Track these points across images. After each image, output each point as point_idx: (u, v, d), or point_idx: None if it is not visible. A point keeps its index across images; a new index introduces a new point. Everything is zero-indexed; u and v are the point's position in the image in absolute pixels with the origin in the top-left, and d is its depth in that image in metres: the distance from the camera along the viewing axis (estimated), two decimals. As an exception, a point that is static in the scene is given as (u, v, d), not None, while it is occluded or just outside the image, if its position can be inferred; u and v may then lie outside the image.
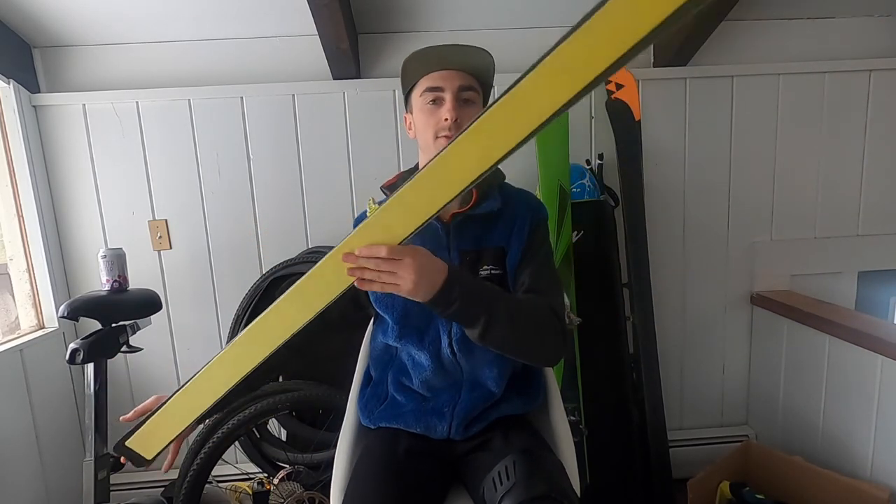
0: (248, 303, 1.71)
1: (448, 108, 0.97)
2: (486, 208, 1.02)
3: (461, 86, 0.98)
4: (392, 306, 1.03)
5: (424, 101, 1.00)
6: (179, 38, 1.76)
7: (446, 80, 0.98)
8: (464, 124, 0.93)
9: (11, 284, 1.75)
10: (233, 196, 1.82)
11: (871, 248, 1.97)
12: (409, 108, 1.06)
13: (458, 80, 0.98)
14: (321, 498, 1.51)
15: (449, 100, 0.97)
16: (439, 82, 0.98)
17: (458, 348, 1.01)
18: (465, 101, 0.99)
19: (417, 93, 1.01)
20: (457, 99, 0.98)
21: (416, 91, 1.02)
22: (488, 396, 1.04)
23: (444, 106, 0.98)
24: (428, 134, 0.99)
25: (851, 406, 1.57)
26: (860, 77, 1.89)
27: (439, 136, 0.98)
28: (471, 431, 1.01)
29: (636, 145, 1.75)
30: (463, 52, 0.98)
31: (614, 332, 1.73)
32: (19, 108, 1.65)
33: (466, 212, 1.02)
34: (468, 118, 0.97)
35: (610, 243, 1.75)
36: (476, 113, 0.95)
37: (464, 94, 0.98)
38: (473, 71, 1.00)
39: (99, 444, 1.39)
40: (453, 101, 0.97)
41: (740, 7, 1.63)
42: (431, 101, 0.99)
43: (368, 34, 1.80)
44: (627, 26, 0.66)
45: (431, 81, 0.99)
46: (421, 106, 1.00)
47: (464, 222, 1.02)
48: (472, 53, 0.99)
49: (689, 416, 2.04)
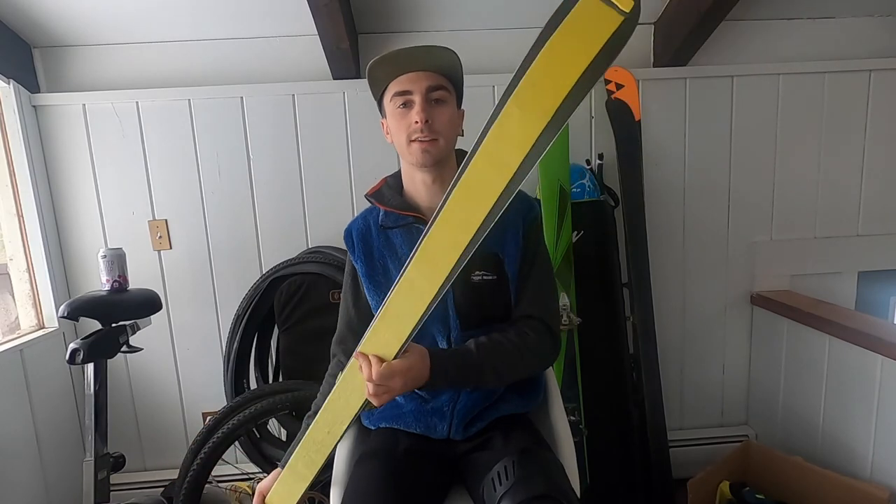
0: (248, 303, 1.71)
1: (417, 111, 0.95)
2: None
3: (430, 86, 0.96)
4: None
5: (395, 106, 0.98)
6: (179, 38, 1.76)
7: (414, 82, 0.96)
8: (436, 125, 0.96)
9: (11, 284, 1.75)
10: (233, 196, 1.82)
11: (871, 248, 1.97)
12: (383, 112, 1.04)
13: (427, 81, 0.96)
14: (321, 498, 1.51)
15: (418, 102, 0.96)
16: (407, 85, 0.96)
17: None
18: (437, 101, 0.97)
19: (388, 98, 1.00)
20: (426, 100, 0.96)
21: (386, 96, 1.00)
22: (488, 396, 1.03)
23: (414, 108, 0.96)
24: (401, 138, 0.98)
25: (851, 406, 1.57)
26: (860, 77, 1.89)
27: (412, 140, 0.97)
28: (470, 431, 1.01)
29: (636, 145, 1.75)
30: (427, 51, 0.96)
31: (614, 332, 1.72)
32: (19, 108, 1.65)
33: None
34: (440, 118, 0.97)
35: (610, 243, 1.75)
36: (448, 112, 0.99)
37: (434, 94, 0.97)
38: (441, 70, 0.98)
39: (99, 444, 1.39)
40: (423, 103, 0.96)
41: (740, 7, 1.63)
42: (402, 105, 0.97)
43: (368, 34, 1.79)
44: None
45: (399, 85, 0.97)
46: (392, 111, 0.99)
47: None
48: (438, 53, 0.97)
49: (689, 416, 2.04)
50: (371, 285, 1.04)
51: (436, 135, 0.96)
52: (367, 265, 1.04)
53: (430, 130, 0.95)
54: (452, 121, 1.00)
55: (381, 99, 1.03)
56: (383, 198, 1.06)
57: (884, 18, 1.88)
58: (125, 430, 1.88)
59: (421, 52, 0.96)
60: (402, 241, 1.03)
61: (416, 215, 1.02)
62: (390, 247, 1.04)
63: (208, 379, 1.86)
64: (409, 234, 1.02)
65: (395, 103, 0.98)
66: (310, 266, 1.65)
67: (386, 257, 1.04)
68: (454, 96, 1.01)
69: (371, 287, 1.04)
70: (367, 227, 1.07)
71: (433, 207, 0.99)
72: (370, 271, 1.04)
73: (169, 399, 1.90)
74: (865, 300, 2.00)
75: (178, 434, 1.91)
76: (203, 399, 1.89)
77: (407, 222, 1.02)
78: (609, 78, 1.75)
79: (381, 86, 1.00)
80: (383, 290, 0.99)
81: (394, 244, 1.04)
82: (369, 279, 1.04)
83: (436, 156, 0.98)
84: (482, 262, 1.00)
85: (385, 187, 1.09)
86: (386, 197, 1.06)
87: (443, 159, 1.00)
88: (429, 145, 0.96)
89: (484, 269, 1.00)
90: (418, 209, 1.03)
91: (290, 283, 1.66)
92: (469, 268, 0.98)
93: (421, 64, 0.96)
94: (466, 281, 0.99)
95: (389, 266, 1.03)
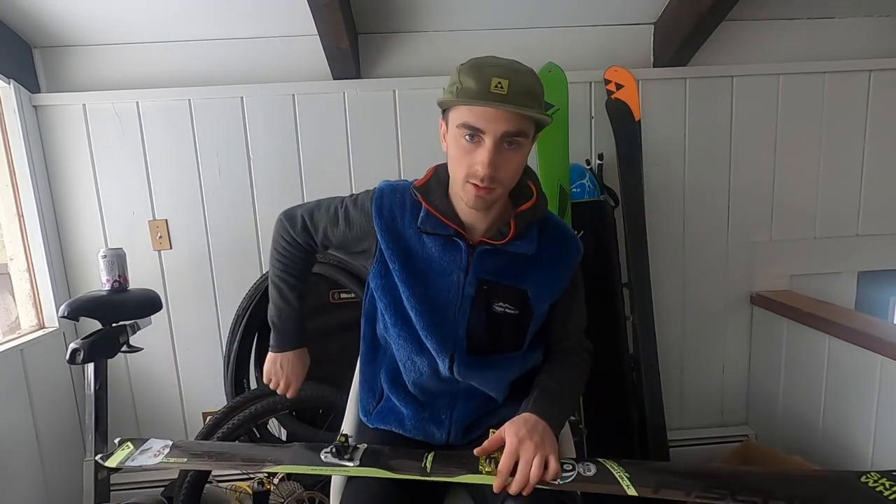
0: (248, 303, 1.71)
1: (484, 161, 0.82)
2: (518, 248, 0.94)
3: (507, 132, 0.82)
4: (392, 302, 0.99)
5: (461, 134, 0.84)
6: (179, 38, 1.76)
7: (491, 122, 0.81)
8: (500, 175, 0.84)
9: (11, 284, 1.75)
10: (233, 196, 1.82)
11: (870, 248, 1.97)
12: (446, 119, 0.90)
13: (506, 126, 0.81)
14: (321, 498, 1.52)
15: (489, 147, 0.82)
16: (482, 123, 0.81)
17: (459, 372, 0.97)
18: (509, 145, 0.84)
19: (454, 119, 0.85)
20: (497, 146, 0.82)
21: (452, 114, 0.86)
22: (486, 404, 1.03)
23: (481, 151, 0.83)
24: (458, 171, 0.87)
25: (851, 406, 1.57)
26: (860, 77, 1.89)
27: (469, 182, 0.86)
28: (470, 436, 1.01)
29: (636, 145, 1.75)
30: (519, 85, 0.80)
31: (614, 332, 1.73)
32: (19, 108, 1.65)
33: (498, 245, 0.93)
34: (507, 167, 0.85)
35: (610, 243, 1.75)
36: (519, 159, 0.86)
37: (509, 139, 0.83)
38: (526, 109, 0.82)
39: (99, 444, 1.38)
40: (492, 152, 0.82)
41: (740, 7, 1.63)
42: (468, 137, 0.84)
43: (368, 34, 1.79)
44: None
45: (472, 118, 0.82)
46: (456, 137, 0.86)
47: (491, 251, 0.94)
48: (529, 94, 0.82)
49: (689, 416, 2.04)
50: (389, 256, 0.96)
51: (496, 184, 0.85)
52: (384, 238, 0.96)
53: (492, 181, 0.84)
54: (520, 167, 0.89)
55: (447, 108, 0.89)
56: (430, 194, 0.96)
57: (884, 18, 1.88)
58: (125, 430, 1.87)
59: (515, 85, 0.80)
60: (434, 244, 0.96)
61: (458, 228, 0.94)
62: (420, 243, 0.96)
63: (208, 379, 1.85)
64: (443, 243, 0.95)
65: (461, 132, 0.84)
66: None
67: (412, 251, 0.96)
68: (531, 136, 0.87)
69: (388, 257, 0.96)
70: (403, 208, 0.97)
71: (474, 225, 0.95)
72: (385, 245, 0.96)
73: (169, 399, 1.90)
74: (865, 300, 2.00)
75: (178, 434, 1.91)
76: (203, 399, 1.89)
77: (447, 233, 0.94)
78: (609, 78, 1.75)
79: (451, 101, 0.85)
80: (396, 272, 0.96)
81: (425, 244, 0.96)
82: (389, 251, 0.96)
83: (490, 202, 0.89)
84: (508, 294, 0.96)
85: (434, 180, 0.97)
86: (433, 194, 0.96)
87: (496, 201, 0.92)
88: (485, 192, 0.86)
89: (508, 303, 0.96)
90: (459, 221, 0.95)
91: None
92: (492, 297, 0.95)
93: (508, 99, 0.80)
94: (486, 309, 0.96)
95: (412, 260, 0.96)
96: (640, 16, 1.82)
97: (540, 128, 0.89)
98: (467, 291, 0.95)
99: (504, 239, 0.93)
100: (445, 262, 0.96)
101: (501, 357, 1.00)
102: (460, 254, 0.95)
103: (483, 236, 0.95)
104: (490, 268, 0.95)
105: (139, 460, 1.00)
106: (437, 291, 0.96)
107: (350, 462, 0.91)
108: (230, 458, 1.02)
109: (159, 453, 1.00)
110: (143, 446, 1.04)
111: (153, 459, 0.99)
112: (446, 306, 0.96)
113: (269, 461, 0.95)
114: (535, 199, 0.96)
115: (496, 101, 0.80)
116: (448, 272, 0.96)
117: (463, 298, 0.95)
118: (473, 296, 0.95)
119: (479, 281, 0.95)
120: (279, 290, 1.12)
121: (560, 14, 1.76)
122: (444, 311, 0.96)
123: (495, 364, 1.00)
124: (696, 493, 0.81)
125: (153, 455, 1.00)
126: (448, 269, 0.96)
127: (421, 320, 0.96)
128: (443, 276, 0.96)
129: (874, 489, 0.80)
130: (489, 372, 1.00)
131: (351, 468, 0.91)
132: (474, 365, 0.98)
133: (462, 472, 0.87)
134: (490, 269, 0.95)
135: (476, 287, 0.95)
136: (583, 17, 1.79)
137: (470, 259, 0.95)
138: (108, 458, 1.02)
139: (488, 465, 0.87)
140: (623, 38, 1.84)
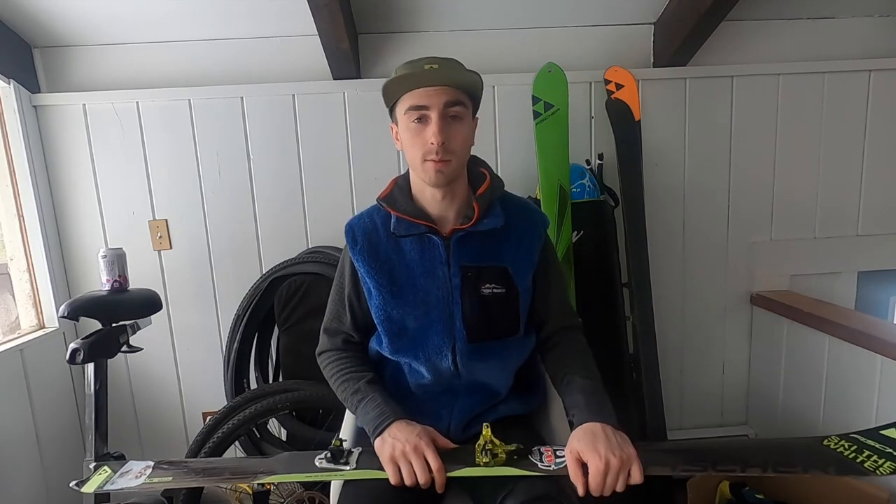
0: (249, 303, 1.71)
1: (434, 131, 0.92)
2: (488, 225, 0.99)
3: (448, 101, 0.92)
4: (388, 320, 1.01)
5: (409, 119, 0.94)
6: (179, 38, 1.76)
7: (431, 97, 0.92)
8: (451, 145, 0.93)
9: (11, 284, 1.75)
10: (233, 196, 1.82)
11: (870, 249, 1.97)
12: (395, 119, 1.00)
13: (444, 97, 0.92)
14: (321, 497, 1.52)
15: (435, 120, 0.92)
16: (424, 100, 0.92)
17: (462, 364, 1.00)
18: (453, 118, 0.94)
19: (401, 108, 0.95)
20: (443, 118, 0.92)
21: (399, 106, 0.96)
22: (486, 399, 1.04)
23: (430, 127, 0.92)
24: (415, 155, 0.95)
25: (851, 406, 1.57)
26: (860, 77, 1.89)
27: (427, 160, 0.94)
28: (470, 432, 1.02)
29: (636, 145, 1.75)
30: (448, 65, 0.93)
31: (614, 332, 1.72)
32: (19, 108, 1.65)
33: (468, 228, 0.99)
34: (456, 137, 0.94)
35: (610, 243, 1.75)
36: (464, 130, 0.96)
37: (451, 109, 0.93)
38: (461, 85, 0.94)
39: (99, 444, 1.38)
40: (440, 122, 0.92)
41: (740, 7, 1.63)
42: (417, 120, 0.93)
43: (368, 34, 1.80)
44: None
45: (416, 99, 0.93)
46: (406, 124, 0.95)
47: (465, 237, 1.00)
48: (458, 67, 0.94)
49: (689, 416, 2.04)
50: (373, 284, 1.01)
51: (450, 155, 0.94)
52: (369, 265, 1.01)
53: (446, 151, 0.93)
54: (468, 138, 0.98)
55: (393, 106, 0.99)
56: (395, 203, 1.02)
57: (884, 18, 1.88)
58: (125, 430, 1.88)
59: (442, 65, 0.92)
60: (412, 248, 1.01)
61: (429, 224, 0.99)
62: (399, 252, 1.01)
63: (208, 379, 1.86)
64: (420, 243, 1.01)
65: (409, 117, 0.94)
66: (310, 266, 1.65)
67: (393, 262, 1.01)
68: (471, 109, 0.98)
69: (373, 285, 1.01)
70: (374, 227, 1.04)
71: (442, 216, 1.01)
72: (373, 272, 1.01)
73: (169, 399, 1.90)
74: (865, 300, 2.00)
75: (178, 434, 1.91)
76: (203, 399, 1.90)
77: (420, 231, 1.00)
78: (609, 78, 1.75)
79: (394, 96, 0.97)
80: (383, 293, 1.00)
81: (403, 251, 1.01)
82: (372, 279, 1.01)
83: (449, 176, 0.96)
84: (491, 275, 1.00)
85: (396, 190, 1.05)
86: (398, 202, 1.02)
87: (455, 177, 0.99)
88: (443, 166, 0.94)
89: (493, 282, 1.00)
90: (429, 217, 1.01)
91: (290, 283, 1.66)
92: (478, 280, 0.99)
93: (439, 78, 0.92)
94: (476, 293, 0.99)
95: (396, 272, 1.01)
96: (640, 16, 1.82)
97: (476, 103, 0.99)
98: (454, 282, 0.99)
99: (472, 220, 0.99)
100: (427, 260, 1.00)
101: (501, 344, 1.02)
102: (438, 248, 1.00)
103: (453, 225, 1.01)
104: (468, 254, 1.00)
105: (119, 483, 0.97)
106: (426, 291, 1.00)
107: (346, 466, 0.91)
108: (218, 472, 0.99)
109: (141, 474, 0.98)
110: (121, 469, 1.01)
111: (135, 481, 0.97)
112: (438, 302, 0.99)
113: (261, 472, 0.94)
114: (489, 180, 1.03)
115: (433, 83, 0.92)
116: (432, 269, 1.00)
117: (452, 290, 0.99)
118: (461, 285, 0.99)
119: (463, 269, 0.99)
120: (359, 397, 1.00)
121: (560, 14, 1.76)
122: (437, 307, 0.99)
123: (496, 351, 1.02)
124: (680, 467, 0.87)
125: (134, 477, 0.98)
126: (431, 267, 1.00)
127: (417, 323, 0.99)
128: (428, 275, 1.00)
129: (835, 450, 0.89)
130: (491, 360, 1.02)
131: (347, 472, 0.91)
132: (476, 354, 1.00)
133: (460, 466, 0.87)
134: (469, 255, 1.00)
135: (461, 275, 0.99)
136: (583, 17, 1.80)
137: (448, 251, 1.00)
138: (83, 485, 0.99)
139: (485, 458, 0.87)
140: (623, 37, 1.85)
